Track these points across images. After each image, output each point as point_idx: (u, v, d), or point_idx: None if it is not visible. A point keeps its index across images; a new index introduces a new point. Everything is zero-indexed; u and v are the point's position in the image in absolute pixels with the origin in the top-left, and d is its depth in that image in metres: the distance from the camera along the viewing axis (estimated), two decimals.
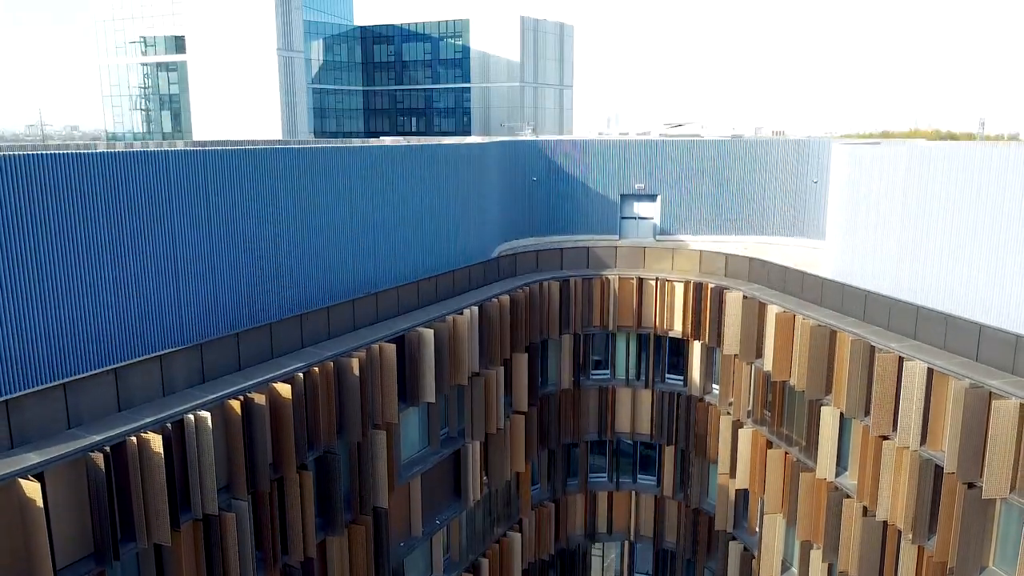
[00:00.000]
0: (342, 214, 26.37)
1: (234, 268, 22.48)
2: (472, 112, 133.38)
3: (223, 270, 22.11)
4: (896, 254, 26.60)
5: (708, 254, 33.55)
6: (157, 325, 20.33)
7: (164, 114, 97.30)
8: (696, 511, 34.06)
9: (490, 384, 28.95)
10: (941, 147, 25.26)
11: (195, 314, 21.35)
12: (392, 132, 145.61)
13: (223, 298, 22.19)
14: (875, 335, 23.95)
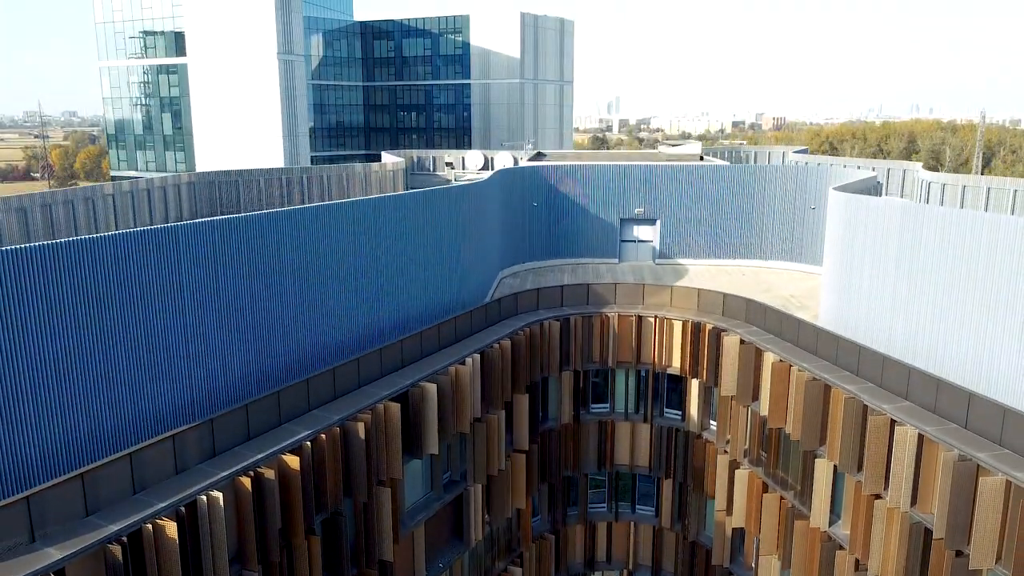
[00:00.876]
0: (344, 270, 26.86)
1: (242, 335, 23.00)
2: (472, 108, 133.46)
3: (231, 339, 22.63)
4: (890, 308, 27.09)
5: (706, 293, 34.03)
6: (168, 401, 20.89)
7: (165, 116, 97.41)
8: (694, 543, 34.84)
9: (492, 428, 29.59)
10: (933, 210, 25.68)
11: (204, 386, 21.90)
12: (392, 128, 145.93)
13: (231, 366, 22.75)
14: (868, 393, 24.53)
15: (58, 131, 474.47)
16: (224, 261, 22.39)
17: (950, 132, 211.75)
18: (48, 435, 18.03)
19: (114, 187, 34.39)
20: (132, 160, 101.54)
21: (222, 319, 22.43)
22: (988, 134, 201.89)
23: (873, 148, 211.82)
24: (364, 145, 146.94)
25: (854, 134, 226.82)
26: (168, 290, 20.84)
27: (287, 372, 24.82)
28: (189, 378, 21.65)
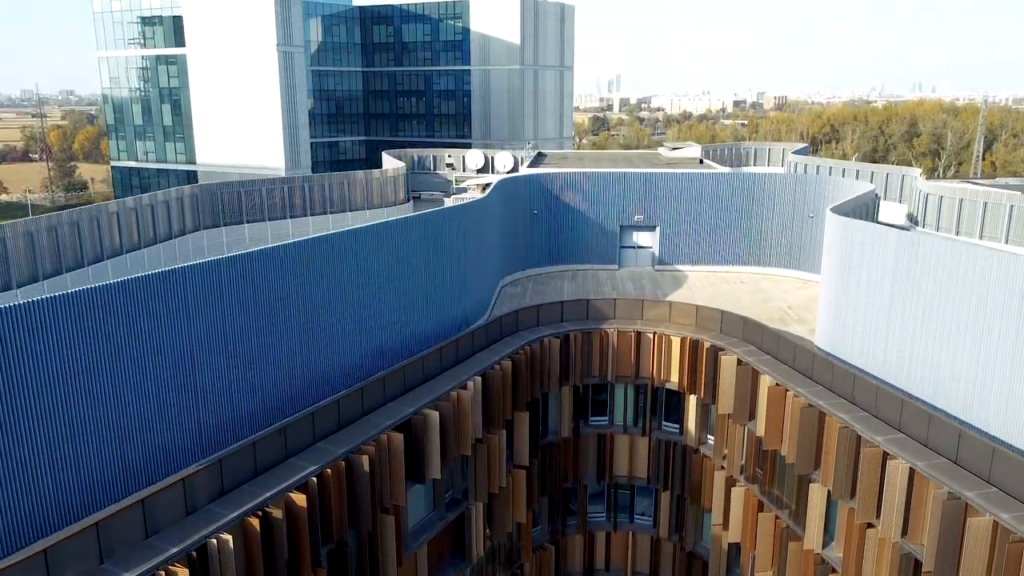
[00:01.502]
0: (347, 296, 27.27)
1: (248, 369, 23.47)
2: (472, 95, 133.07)
3: (237, 374, 23.10)
4: (884, 334, 27.51)
5: (704, 309, 34.45)
6: (178, 438, 21.40)
7: (164, 107, 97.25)
8: (691, 554, 35.57)
9: (492, 448, 30.16)
10: (928, 241, 25.96)
11: (212, 421, 22.40)
12: (392, 114, 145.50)
13: (238, 400, 23.24)
14: (862, 422, 25.04)
15: (56, 110, 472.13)
16: (230, 298, 22.82)
17: (952, 115, 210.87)
18: (62, 478, 18.52)
19: (118, 204, 34.69)
20: (132, 150, 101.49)
21: (229, 355, 22.88)
22: (990, 117, 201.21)
23: (874, 131, 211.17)
24: (364, 131, 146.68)
25: (855, 116, 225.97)
26: (176, 332, 21.27)
27: (293, 401, 25.32)
28: (197, 414, 22.15)
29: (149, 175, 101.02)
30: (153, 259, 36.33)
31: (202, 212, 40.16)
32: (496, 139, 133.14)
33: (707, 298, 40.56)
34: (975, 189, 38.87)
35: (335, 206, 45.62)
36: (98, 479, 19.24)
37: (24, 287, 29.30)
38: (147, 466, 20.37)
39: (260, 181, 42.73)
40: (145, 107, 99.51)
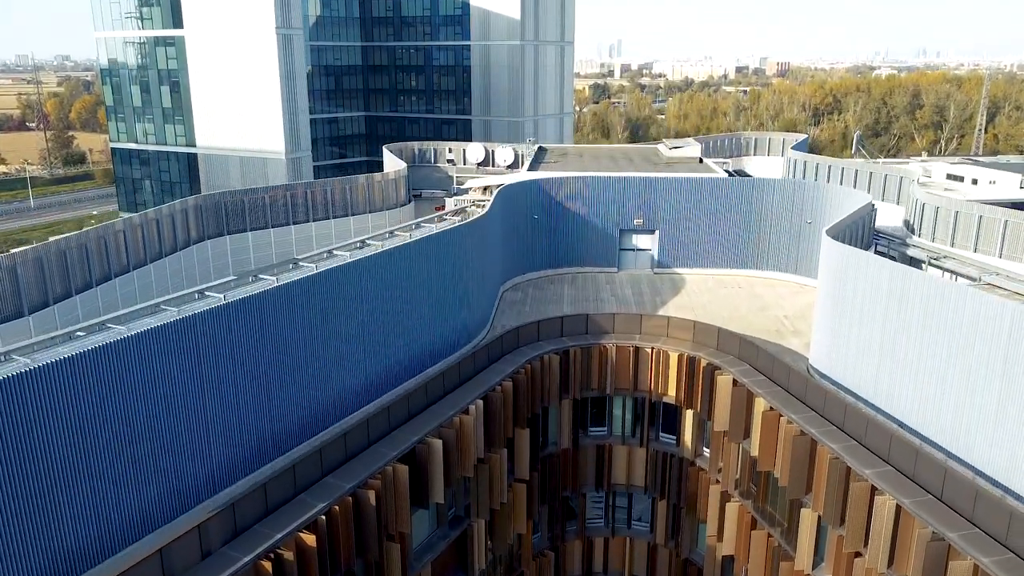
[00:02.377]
0: (353, 324, 27.96)
1: (258, 404, 24.23)
2: (472, 70, 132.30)
3: (248, 410, 23.86)
4: (876, 361, 28.18)
5: (701, 326, 35.10)
6: (190, 477, 22.23)
7: (163, 88, 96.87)
8: (686, 561, 36.72)
9: (494, 467, 31.07)
10: (920, 277, 26.48)
11: (224, 457, 23.22)
12: (391, 89, 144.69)
13: (248, 436, 24.04)
14: (851, 453, 25.85)
15: (51, 76, 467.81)
16: (239, 338, 23.47)
17: (955, 86, 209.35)
18: (80, 519, 19.36)
19: (124, 223, 35.12)
20: (132, 132, 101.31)
21: (239, 393, 23.63)
22: (993, 88, 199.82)
23: (877, 102, 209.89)
24: (363, 107, 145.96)
25: (858, 87, 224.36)
26: (188, 376, 21.98)
27: (301, 431, 26.15)
28: (209, 452, 22.95)
29: (149, 157, 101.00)
30: (159, 274, 36.90)
31: (206, 222, 40.62)
32: (496, 115, 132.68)
33: (705, 304, 41.27)
34: (970, 203, 39.26)
35: (337, 210, 46.02)
36: (115, 518, 20.08)
37: (36, 313, 29.92)
38: (162, 503, 21.22)
39: (263, 189, 43.10)
40: (144, 88, 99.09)
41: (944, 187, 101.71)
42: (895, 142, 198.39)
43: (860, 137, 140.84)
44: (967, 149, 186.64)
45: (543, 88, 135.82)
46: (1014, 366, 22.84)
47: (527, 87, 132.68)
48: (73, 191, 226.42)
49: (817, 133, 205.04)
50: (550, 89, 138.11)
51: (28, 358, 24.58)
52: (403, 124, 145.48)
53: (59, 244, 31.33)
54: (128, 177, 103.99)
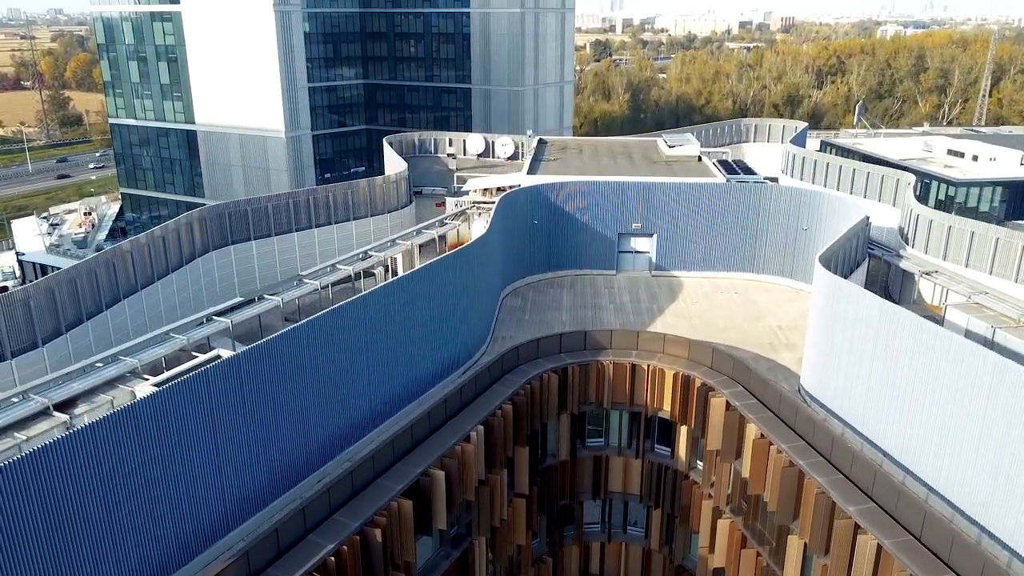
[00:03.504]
0: (359, 356, 28.85)
1: (268, 446, 25.26)
2: (472, 38, 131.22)
3: (257, 453, 24.90)
4: (865, 390, 29.11)
5: (696, 344, 36.00)
6: (204, 520, 23.36)
7: (161, 65, 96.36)
8: (680, 567, 38.24)
9: (495, 487, 32.29)
10: (909, 317, 27.16)
11: (236, 498, 24.33)
12: (390, 57, 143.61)
13: (257, 476, 25.12)
14: (837, 487, 26.99)
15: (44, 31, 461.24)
16: (249, 387, 24.37)
17: (960, 48, 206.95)
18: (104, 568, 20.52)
19: (131, 243, 35.78)
20: (130, 108, 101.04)
21: (251, 436, 24.61)
22: (999, 50, 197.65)
23: (881, 65, 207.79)
24: (362, 74, 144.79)
25: (862, 48, 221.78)
26: (201, 428, 22.95)
27: (308, 465, 27.23)
28: (221, 494, 24.04)
29: (148, 133, 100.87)
30: (167, 291, 37.70)
31: (211, 233, 41.25)
32: (496, 84, 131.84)
33: (701, 313, 42.11)
34: (963, 219, 39.79)
35: (339, 215, 46.58)
36: (135, 564, 21.28)
37: (49, 343, 30.82)
38: (180, 548, 22.39)
39: (265, 197, 43.61)
40: (142, 64, 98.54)
41: (945, 163, 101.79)
42: (898, 106, 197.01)
43: (862, 107, 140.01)
44: (970, 114, 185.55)
45: (543, 56, 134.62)
46: (993, 414, 23.75)
47: (527, 55, 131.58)
48: (72, 154, 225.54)
49: (820, 96, 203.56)
50: (550, 57, 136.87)
51: (45, 397, 25.74)
52: (402, 92, 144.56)
53: (68, 273, 32.08)
54: (128, 153, 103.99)
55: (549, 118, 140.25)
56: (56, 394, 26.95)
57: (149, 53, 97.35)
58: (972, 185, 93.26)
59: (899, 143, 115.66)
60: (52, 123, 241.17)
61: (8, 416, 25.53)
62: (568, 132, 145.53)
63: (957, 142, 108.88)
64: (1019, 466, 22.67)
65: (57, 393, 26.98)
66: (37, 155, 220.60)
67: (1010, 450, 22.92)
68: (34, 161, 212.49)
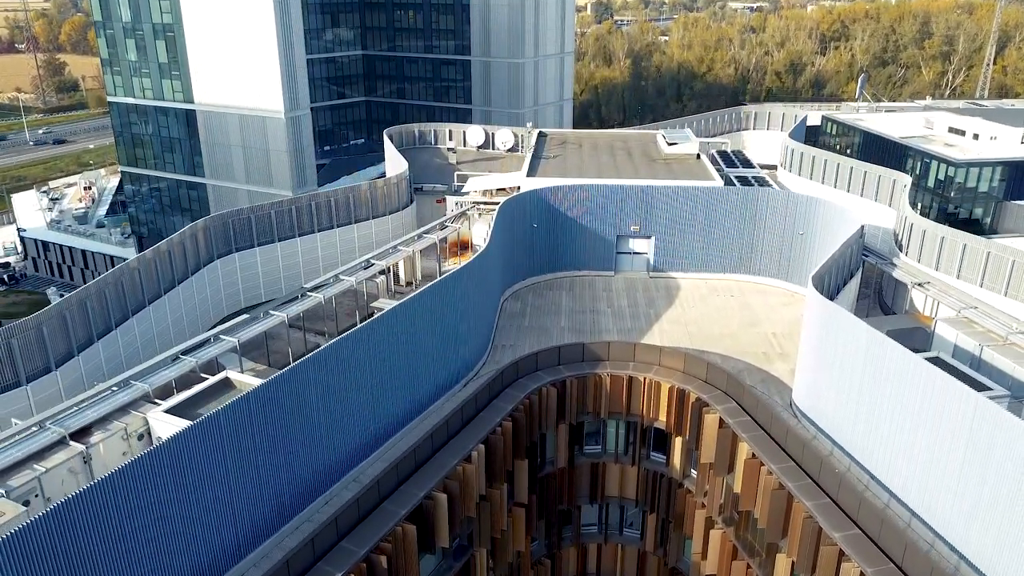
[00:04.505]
0: (364, 382, 29.76)
1: (276, 477, 26.30)
2: (471, 8, 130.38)
3: (267, 485, 25.96)
4: (853, 414, 30.03)
5: (691, 358, 36.88)
6: (220, 550, 24.50)
7: (158, 43, 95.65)
8: (674, 569, 39.68)
9: (495, 501, 33.48)
10: (895, 348, 27.92)
11: (249, 527, 25.45)
12: (389, 27, 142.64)
13: (270, 502, 26.22)
14: (824, 511, 28.12)
15: None
16: (257, 427, 25.30)
17: (966, 13, 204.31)
18: None
19: (139, 261, 36.45)
20: (129, 87, 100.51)
21: (263, 465, 25.62)
22: (1005, 16, 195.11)
23: (886, 30, 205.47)
24: (361, 45, 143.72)
25: (867, 13, 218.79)
26: (213, 470, 23.94)
27: (316, 488, 28.31)
28: (235, 523, 25.14)
29: (147, 112, 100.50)
30: (174, 304, 38.47)
31: (216, 242, 41.87)
32: (496, 56, 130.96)
33: (697, 319, 42.91)
34: (955, 231, 40.35)
35: (341, 218, 47.13)
36: None
37: (62, 366, 31.72)
38: None
39: (269, 204, 44.13)
40: (139, 42, 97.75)
41: (945, 142, 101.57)
42: (902, 73, 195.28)
43: (864, 80, 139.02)
44: (974, 82, 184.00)
45: (543, 27, 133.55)
46: (973, 452, 24.69)
47: (527, 26, 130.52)
48: (68, 121, 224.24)
49: (823, 63, 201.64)
50: (551, 27, 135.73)
51: (61, 427, 26.69)
52: (401, 63, 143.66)
53: (79, 295, 32.83)
54: (127, 132, 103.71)
55: (549, 90, 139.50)
56: (71, 422, 27.92)
57: (147, 31, 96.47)
58: (971, 165, 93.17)
59: (900, 119, 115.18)
60: (48, 89, 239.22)
61: (27, 447, 26.52)
62: (568, 104, 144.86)
63: (958, 119, 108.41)
64: (997, 502, 23.68)
65: (72, 421, 27.95)
66: (34, 123, 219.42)
67: (989, 488, 23.91)
68: (31, 128, 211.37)
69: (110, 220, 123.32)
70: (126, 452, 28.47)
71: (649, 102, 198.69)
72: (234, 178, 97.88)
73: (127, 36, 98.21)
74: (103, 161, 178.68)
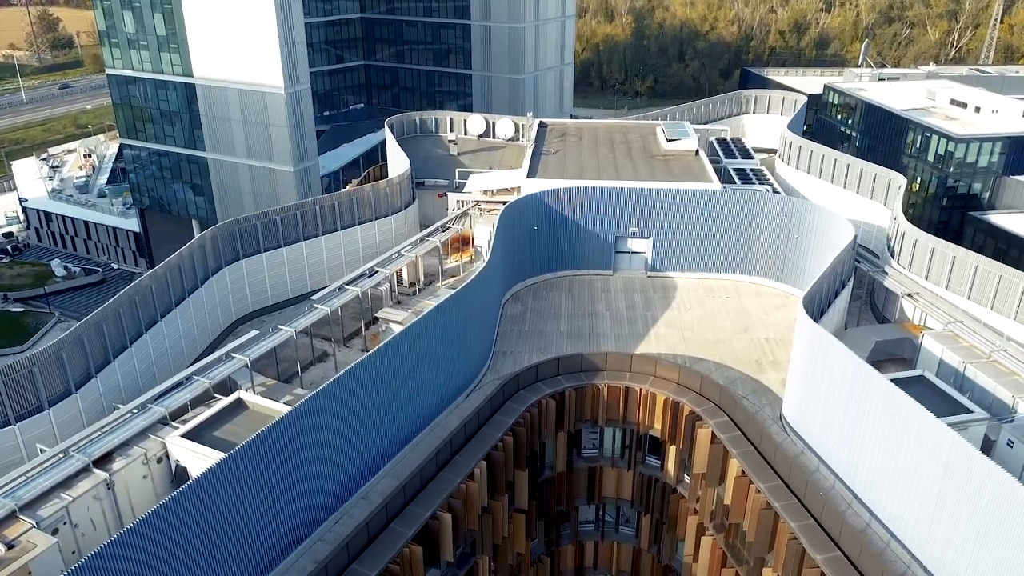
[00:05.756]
0: (372, 405, 31.15)
1: (288, 506, 27.87)
2: None
3: (280, 515, 27.54)
4: (838, 434, 31.44)
5: (686, 370, 38.21)
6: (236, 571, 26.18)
7: (156, 16, 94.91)
8: (667, 567, 41.68)
9: (497, 513, 35.18)
10: (880, 381, 29.08)
11: (266, 552, 27.11)
12: None
13: (284, 525, 27.84)
14: (808, 532, 29.76)
15: None
16: (274, 469, 26.73)
17: None
18: None
19: (150, 278, 37.48)
20: (127, 59, 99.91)
21: (277, 492, 27.14)
22: None
23: None
24: (359, 8, 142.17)
25: None
26: (232, 512, 25.44)
27: (327, 509, 29.91)
28: (250, 545, 26.74)
29: (147, 86, 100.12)
30: (185, 316, 39.62)
31: (224, 250, 42.83)
32: (496, 20, 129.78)
33: (693, 324, 44.12)
34: (947, 244, 41.24)
35: (345, 221, 47.99)
36: None
37: (81, 388, 33.05)
38: None
39: (274, 211, 44.91)
40: (137, 14, 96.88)
41: (947, 115, 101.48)
42: (907, 32, 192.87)
43: (868, 45, 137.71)
44: (980, 41, 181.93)
45: None
46: (949, 481, 26.10)
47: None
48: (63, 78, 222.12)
49: (828, 21, 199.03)
50: (552, 2, 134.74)
51: (85, 455, 28.12)
52: (400, 27, 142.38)
53: (95, 317, 33.94)
54: (126, 104, 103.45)
55: (550, 54, 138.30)
56: (93, 449, 29.39)
57: (144, 3, 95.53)
58: (972, 141, 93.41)
59: (902, 89, 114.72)
60: (43, 47, 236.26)
61: (53, 476, 28.03)
62: (569, 68, 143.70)
63: (961, 91, 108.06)
64: (969, 533, 25.19)
65: (94, 448, 29.41)
66: (29, 80, 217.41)
67: (962, 519, 25.40)
68: (27, 89, 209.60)
69: (111, 190, 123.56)
70: (146, 475, 30.06)
71: (651, 62, 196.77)
72: (235, 152, 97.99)
73: (124, 7, 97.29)
74: (101, 123, 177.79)
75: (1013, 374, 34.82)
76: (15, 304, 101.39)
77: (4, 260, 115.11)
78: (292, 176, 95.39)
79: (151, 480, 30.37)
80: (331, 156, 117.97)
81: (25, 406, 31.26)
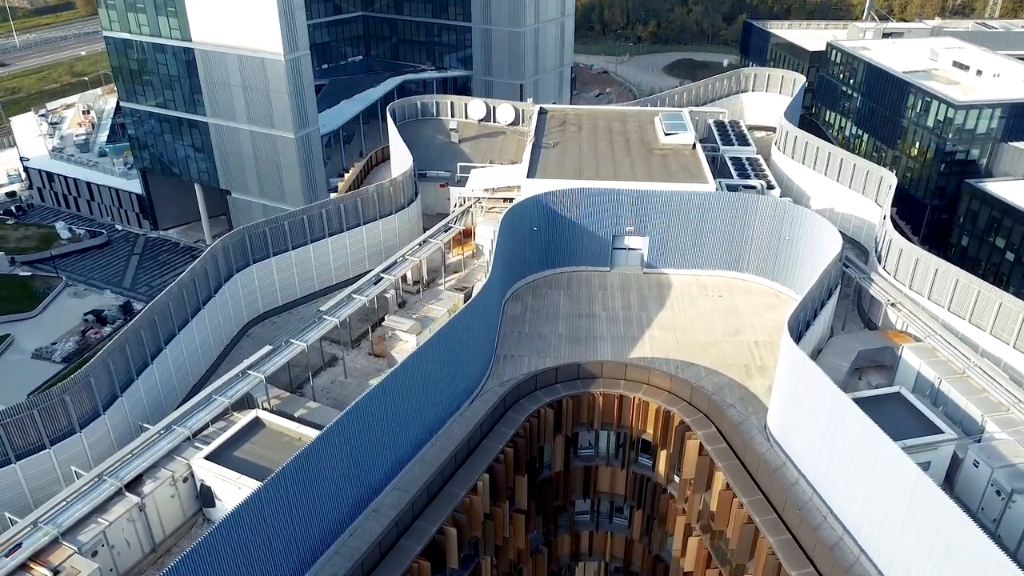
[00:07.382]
0: (380, 426, 33.38)
1: (307, 520, 30.34)
2: None
3: (297, 526, 30.03)
4: (819, 450, 33.72)
5: (677, 380, 40.33)
6: None
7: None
8: (657, 556, 44.67)
9: (498, 518, 37.80)
10: (854, 410, 30.98)
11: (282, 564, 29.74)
12: None
13: (301, 544, 30.38)
14: (785, 548, 32.33)
15: None
16: (294, 501, 29.06)
17: None
18: None
19: (167, 295, 38.96)
20: (124, 22, 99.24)
21: (293, 519, 29.58)
22: None
23: None
24: None
25: None
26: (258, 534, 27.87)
27: (341, 525, 32.44)
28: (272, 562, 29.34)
29: (145, 50, 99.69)
30: (200, 327, 41.49)
31: (235, 257, 44.45)
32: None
33: (685, 326, 46.07)
34: (930, 255, 42.77)
35: (350, 222, 49.41)
36: None
37: (107, 409, 35.20)
38: None
39: (282, 216, 46.22)
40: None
41: (948, 78, 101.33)
42: None
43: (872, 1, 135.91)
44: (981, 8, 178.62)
45: None
46: (913, 511, 28.42)
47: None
48: (56, 21, 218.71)
49: None
50: None
51: (117, 479, 30.41)
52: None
53: (118, 340, 35.84)
54: (125, 67, 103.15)
55: (551, 5, 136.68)
56: (125, 473, 31.77)
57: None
58: (971, 107, 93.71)
59: (905, 48, 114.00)
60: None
61: (91, 501, 30.48)
62: (570, 19, 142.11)
63: (963, 53, 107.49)
64: (930, 558, 27.62)
65: (126, 472, 31.79)
66: (21, 24, 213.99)
67: (924, 545, 27.80)
68: (20, 32, 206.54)
69: (112, 148, 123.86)
70: (173, 495, 32.55)
71: (653, 6, 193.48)
72: (235, 118, 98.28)
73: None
74: (96, 70, 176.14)
75: (983, 391, 36.91)
76: (23, 267, 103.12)
77: (9, 222, 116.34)
78: (293, 142, 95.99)
79: (178, 499, 32.90)
80: (331, 114, 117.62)
81: (58, 430, 33.45)
